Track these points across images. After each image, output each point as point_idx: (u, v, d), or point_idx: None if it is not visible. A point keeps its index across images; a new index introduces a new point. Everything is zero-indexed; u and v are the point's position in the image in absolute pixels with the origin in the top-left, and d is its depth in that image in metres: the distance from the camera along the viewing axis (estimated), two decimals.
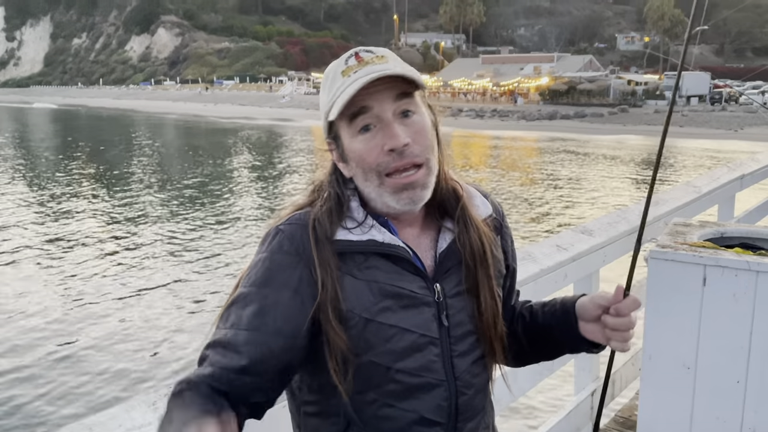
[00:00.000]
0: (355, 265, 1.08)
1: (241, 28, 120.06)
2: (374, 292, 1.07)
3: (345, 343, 1.05)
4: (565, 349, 1.31)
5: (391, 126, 1.06)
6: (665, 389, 2.58)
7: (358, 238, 1.09)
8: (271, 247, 1.09)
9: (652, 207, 3.50)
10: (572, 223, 14.10)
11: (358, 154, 1.09)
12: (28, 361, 8.02)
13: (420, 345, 1.09)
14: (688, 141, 35.89)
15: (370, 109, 1.07)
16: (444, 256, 1.14)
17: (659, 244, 2.64)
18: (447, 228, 1.16)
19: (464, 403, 1.13)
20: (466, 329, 1.14)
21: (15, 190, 21.00)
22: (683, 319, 2.51)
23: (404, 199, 1.09)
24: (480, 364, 1.17)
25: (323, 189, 1.15)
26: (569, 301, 1.26)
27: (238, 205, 18.29)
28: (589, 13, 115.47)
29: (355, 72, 1.07)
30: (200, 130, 47.29)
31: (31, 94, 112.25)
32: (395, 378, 1.08)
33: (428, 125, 1.11)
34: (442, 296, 1.11)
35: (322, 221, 1.09)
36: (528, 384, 2.56)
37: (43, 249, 13.51)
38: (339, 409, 1.10)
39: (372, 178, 1.09)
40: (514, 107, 53.68)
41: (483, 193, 1.26)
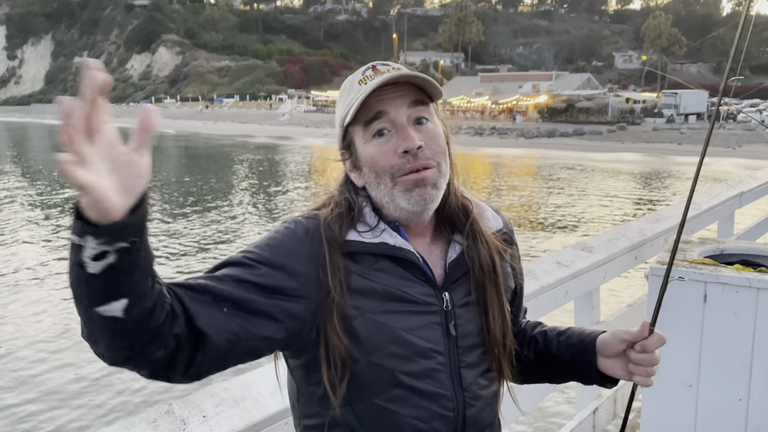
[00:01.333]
0: (365, 266, 1.09)
1: (242, 46, 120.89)
2: (381, 293, 1.08)
3: (347, 348, 1.05)
4: (576, 380, 1.32)
5: (406, 129, 1.09)
6: (667, 407, 2.57)
7: (370, 240, 1.10)
8: (286, 231, 1.10)
9: (652, 224, 3.51)
10: (573, 240, 14.10)
11: (371, 158, 1.11)
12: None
13: (424, 351, 1.09)
14: (686, 158, 36.03)
15: (385, 114, 1.10)
16: (453, 266, 1.15)
17: (659, 261, 2.65)
18: (456, 241, 1.17)
19: (472, 415, 1.12)
20: (475, 341, 1.14)
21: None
22: (684, 336, 2.51)
23: (415, 197, 1.10)
24: (488, 377, 1.17)
25: (333, 197, 1.17)
26: (588, 338, 1.25)
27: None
28: (587, 32, 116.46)
29: (373, 79, 1.10)
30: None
31: (31, 112, 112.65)
32: (400, 382, 1.07)
33: (441, 133, 1.14)
34: (450, 305, 1.12)
35: (332, 225, 1.10)
36: (531, 400, 2.54)
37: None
38: (341, 420, 1.09)
39: (385, 180, 1.10)
40: (512, 125, 53.87)
41: (493, 208, 1.27)
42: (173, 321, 0.90)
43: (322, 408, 1.11)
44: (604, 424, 3.10)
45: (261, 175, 30.70)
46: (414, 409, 1.08)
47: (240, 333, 0.98)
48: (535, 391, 2.51)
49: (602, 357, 1.22)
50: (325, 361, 1.06)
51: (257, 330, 1.00)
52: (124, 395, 7.52)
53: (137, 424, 1.30)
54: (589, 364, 1.24)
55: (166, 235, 16.31)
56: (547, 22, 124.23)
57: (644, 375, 1.16)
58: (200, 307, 0.95)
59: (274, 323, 1.02)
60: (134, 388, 7.60)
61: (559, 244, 14.22)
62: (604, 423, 3.10)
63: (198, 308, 0.94)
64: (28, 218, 19.23)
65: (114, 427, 1.29)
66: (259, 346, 1.03)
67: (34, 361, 8.56)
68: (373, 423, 1.08)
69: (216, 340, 0.95)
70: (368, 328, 1.06)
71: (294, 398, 1.17)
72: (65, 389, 7.73)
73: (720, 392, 2.53)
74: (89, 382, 7.86)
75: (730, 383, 2.50)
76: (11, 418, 7.02)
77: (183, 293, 0.94)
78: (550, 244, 14.94)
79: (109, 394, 7.56)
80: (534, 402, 2.60)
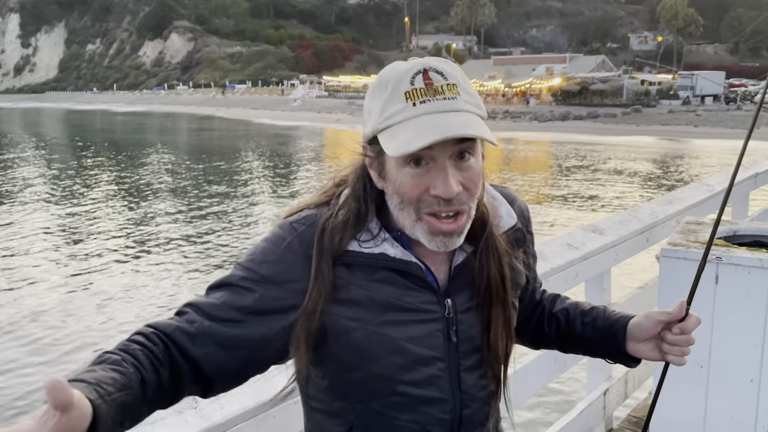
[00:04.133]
0: (363, 276, 1.06)
1: (253, 32, 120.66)
2: (381, 304, 1.05)
3: (303, 364, 1.09)
4: (597, 356, 1.33)
5: (446, 171, 0.98)
6: (678, 388, 2.57)
7: (370, 251, 1.06)
8: (280, 243, 1.07)
9: (665, 206, 3.49)
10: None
11: (401, 185, 1.01)
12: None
13: (425, 359, 1.07)
14: (703, 141, 35.59)
15: (428, 147, 0.96)
16: (458, 270, 1.11)
17: (671, 242, 2.63)
18: (464, 249, 1.11)
19: (468, 415, 1.12)
20: (476, 344, 1.12)
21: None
22: None
23: (437, 242, 1.03)
24: (487, 378, 1.16)
25: (343, 186, 1.12)
26: (617, 323, 1.24)
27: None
28: (601, 13, 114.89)
29: (423, 102, 0.97)
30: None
31: (46, 100, 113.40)
32: (399, 390, 1.07)
33: (481, 169, 1.04)
34: (452, 311, 1.09)
35: (334, 233, 1.05)
36: (540, 382, 2.55)
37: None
38: (342, 412, 1.11)
39: (410, 211, 1.03)
40: (526, 108, 53.48)
41: (510, 198, 1.21)
42: (181, 378, 0.99)
43: (327, 396, 1.13)
44: (615, 406, 3.11)
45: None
46: (412, 414, 1.08)
47: (246, 367, 1.06)
48: (543, 373, 2.52)
49: (633, 341, 1.21)
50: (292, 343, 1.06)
51: (261, 356, 1.06)
52: None
53: None
54: (617, 347, 1.23)
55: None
56: (560, 4, 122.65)
57: (679, 355, 1.16)
58: (204, 357, 1.00)
59: (275, 346, 1.05)
60: None
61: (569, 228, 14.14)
62: (615, 404, 3.10)
63: (204, 360, 1.00)
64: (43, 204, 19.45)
65: None
66: (267, 365, 1.10)
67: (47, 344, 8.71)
68: (371, 424, 1.09)
69: (226, 380, 1.05)
70: (368, 338, 1.05)
71: (303, 378, 1.18)
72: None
73: (731, 373, 2.52)
74: None
75: (742, 364, 2.50)
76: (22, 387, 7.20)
77: (188, 348, 0.99)
78: (563, 230, 14.88)
79: None
80: (543, 383, 2.61)
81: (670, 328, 1.16)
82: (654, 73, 64.58)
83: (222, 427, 1.33)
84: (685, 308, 1.15)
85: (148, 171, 27.26)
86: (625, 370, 3.17)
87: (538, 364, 2.44)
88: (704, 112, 44.79)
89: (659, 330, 1.18)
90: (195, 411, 1.32)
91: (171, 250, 13.75)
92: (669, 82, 57.17)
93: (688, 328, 1.15)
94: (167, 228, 15.94)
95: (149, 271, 12.29)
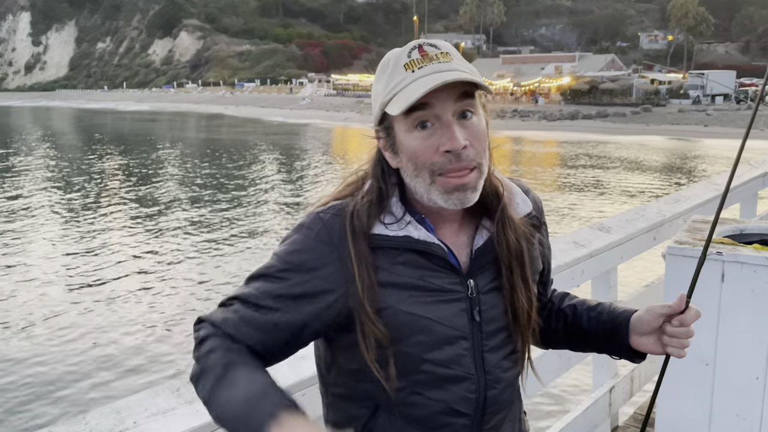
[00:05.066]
0: (388, 259, 1.10)
1: (262, 30, 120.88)
2: (406, 285, 1.09)
3: (384, 334, 1.08)
4: (603, 353, 1.36)
5: (451, 127, 1.05)
6: (684, 386, 2.58)
7: (395, 234, 1.10)
8: (308, 232, 1.12)
9: (671, 205, 3.49)
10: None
11: (412, 151, 1.08)
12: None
13: (450, 338, 1.10)
14: (713, 140, 35.38)
15: (430, 106, 1.05)
16: (480, 252, 1.15)
17: (677, 241, 2.64)
18: (484, 226, 1.16)
19: (493, 396, 1.15)
20: (499, 325, 1.15)
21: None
22: (701, 315, 2.51)
23: (453, 200, 1.08)
24: (511, 359, 1.18)
25: (366, 179, 1.16)
26: (620, 317, 1.27)
27: None
28: (611, 12, 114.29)
29: (420, 68, 1.06)
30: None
31: (56, 98, 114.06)
32: (425, 368, 1.10)
33: (485, 128, 1.10)
34: (475, 292, 1.13)
35: (360, 214, 1.10)
36: (546, 379, 2.57)
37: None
38: (367, 394, 1.13)
39: (424, 175, 1.08)
40: (535, 107, 53.34)
41: (524, 189, 1.26)
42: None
43: (352, 380, 1.15)
44: (621, 403, 3.12)
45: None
46: (438, 392, 1.11)
47: (288, 345, 1.12)
48: (550, 369, 2.54)
49: (635, 335, 1.24)
50: (363, 343, 1.09)
51: (300, 338, 1.12)
52: (149, 366, 7.78)
53: (162, 392, 1.36)
54: (621, 341, 1.26)
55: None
56: (570, 2, 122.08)
57: (679, 347, 1.20)
58: (251, 339, 1.09)
59: (312, 328, 1.11)
60: (159, 361, 7.85)
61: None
62: (620, 402, 3.12)
63: (250, 341, 1.08)
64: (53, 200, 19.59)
65: (140, 395, 1.35)
66: (306, 343, 1.15)
67: (67, 341, 8.80)
68: (398, 401, 1.12)
69: (274, 357, 1.12)
70: (395, 319, 1.08)
71: (326, 366, 1.21)
72: (95, 364, 7.98)
73: (737, 371, 2.53)
74: (120, 354, 8.13)
75: (747, 362, 2.50)
76: (37, 384, 7.34)
77: (235, 333, 1.09)
78: (571, 228, 14.85)
79: (138, 361, 7.85)
80: (549, 380, 2.62)
81: (671, 322, 1.20)
82: (664, 72, 64.20)
83: None
84: (685, 301, 1.18)
85: (169, 170, 27.43)
86: (631, 367, 3.18)
87: (543, 360, 2.45)
88: (714, 112, 44.52)
89: (660, 323, 1.21)
90: None
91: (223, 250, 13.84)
92: (679, 82, 56.85)
93: (687, 320, 1.18)
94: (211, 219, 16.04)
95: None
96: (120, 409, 1.28)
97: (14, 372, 7.74)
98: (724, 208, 3.95)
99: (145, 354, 8.20)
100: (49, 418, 6.66)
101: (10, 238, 14.74)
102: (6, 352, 8.33)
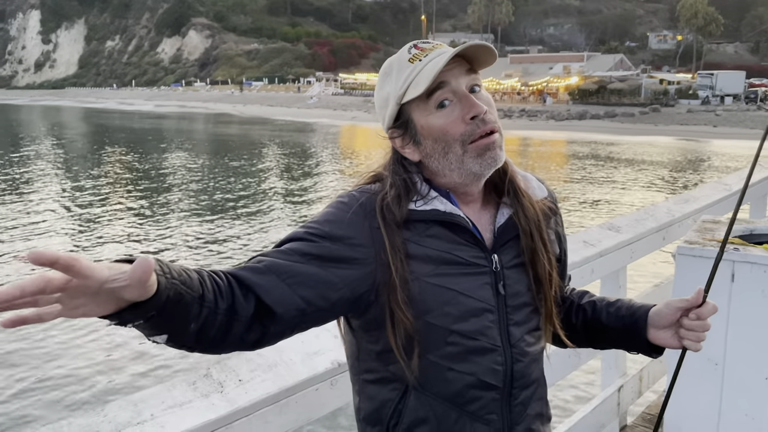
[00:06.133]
0: (417, 233, 1.14)
1: (270, 29, 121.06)
2: (434, 258, 1.13)
3: (411, 322, 1.11)
4: (622, 348, 1.39)
5: (469, 97, 1.14)
6: (693, 385, 2.58)
7: (422, 208, 1.15)
8: (342, 206, 1.15)
9: (681, 205, 3.49)
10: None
11: (439, 129, 1.15)
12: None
13: (476, 310, 1.14)
14: (722, 141, 35.20)
15: (446, 84, 1.14)
16: (502, 229, 1.20)
17: (687, 240, 2.65)
18: (505, 203, 1.22)
19: (519, 370, 1.18)
20: (523, 300, 1.20)
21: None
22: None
23: (487, 160, 1.15)
24: (535, 335, 1.22)
25: (384, 178, 1.20)
26: (639, 311, 1.31)
27: None
28: (620, 12, 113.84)
29: (426, 56, 1.15)
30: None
31: (65, 96, 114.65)
32: (452, 340, 1.13)
33: (491, 98, 1.20)
34: (499, 266, 1.18)
35: (392, 206, 1.14)
36: (555, 376, 2.58)
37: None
38: (398, 375, 1.16)
39: (455, 149, 1.14)
40: (542, 107, 53.20)
41: (538, 178, 1.32)
42: (236, 315, 1.01)
43: (380, 363, 1.18)
44: (629, 402, 3.13)
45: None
46: (466, 364, 1.14)
47: (305, 307, 1.07)
48: (558, 367, 2.55)
49: (653, 328, 1.28)
50: (391, 325, 1.12)
51: (321, 301, 1.09)
52: (166, 361, 7.85)
53: (178, 385, 1.38)
54: (639, 335, 1.30)
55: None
56: (578, 2, 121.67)
57: (695, 340, 1.23)
58: (267, 286, 1.04)
59: (335, 292, 1.10)
60: (173, 355, 7.93)
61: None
62: (629, 401, 3.12)
63: (265, 289, 1.04)
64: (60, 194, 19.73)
65: (156, 389, 1.37)
66: (324, 315, 1.13)
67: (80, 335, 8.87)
68: (427, 377, 1.15)
69: (284, 315, 1.06)
70: (423, 291, 1.12)
71: (354, 356, 1.23)
72: (110, 359, 8.05)
73: (746, 371, 2.53)
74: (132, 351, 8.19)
75: (757, 362, 2.50)
76: (58, 383, 7.38)
77: (250, 277, 1.04)
78: (581, 227, 14.82)
79: (151, 360, 7.90)
80: (558, 378, 2.63)
81: (688, 315, 1.23)
82: (673, 72, 63.90)
83: (246, 411, 1.38)
84: (703, 295, 1.22)
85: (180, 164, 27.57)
86: (639, 367, 3.18)
87: (552, 358, 2.45)
88: (724, 112, 44.27)
89: (678, 317, 1.25)
90: (221, 395, 1.37)
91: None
92: (688, 82, 56.58)
93: (704, 314, 1.22)
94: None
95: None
96: (137, 402, 1.30)
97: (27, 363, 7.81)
98: (732, 210, 3.96)
99: (152, 345, 8.25)
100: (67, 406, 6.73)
101: (20, 231, 14.83)
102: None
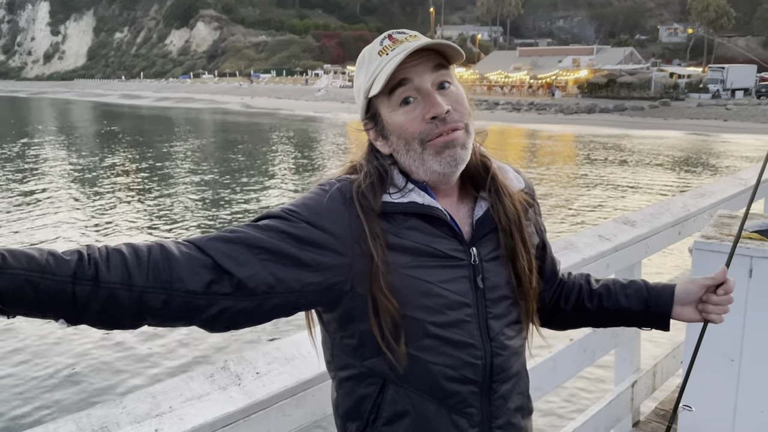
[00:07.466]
0: (395, 224, 1.13)
1: (278, 21, 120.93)
2: (412, 250, 1.12)
3: (396, 308, 1.09)
4: (635, 326, 1.43)
5: (432, 95, 1.11)
6: (709, 381, 2.56)
7: (399, 200, 1.14)
8: (322, 192, 1.13)
9: (697, 199, 3.46)
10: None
11: (400, 126, 1.13)
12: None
13: (452, 303, 1.13)
14: (732, 135, 34.94)
15: (409, 81, 1.11)
16: (480, 222, 1.19)
17: (704, 235, 2.62)
18: (482, 198, 1.21)
19: (499, 363, 1.17)
20: (502, 293, 1.19)
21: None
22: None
23: (446, 158, 1.12)
24: (515, 328, 1.21)
25: (361, 168, 1.19)
26: (665, 290, 1.36)
27: None
28: (630, 4, 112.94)
29: (393, 50, 1.12)
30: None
31: (74, 87, 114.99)
32: (430, 332, 1.12)
33: (464, 95, 1.16)
34: (477, 260, 1.16)
35: (366, 194, 1.12)
36: (569, 372, 2.56)
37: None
38: (375, 370, 1.14)
39: (415, 146, 1.13)
40: (551, 100, 52.92)
41: (515, 169, 1.32)
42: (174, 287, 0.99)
43: (356, 359, 1.16)
44: (642, 398, 3.11)
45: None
46: (444, 358, 1.13)
47: (275, 285, 1.04)
48: (571, 363, 2.53)
49: (678, 305, 1.35)
50: (374, 315, 1.10)
51: (292, 282, 1.06)
52: (183, 352, 7.91)
53: (196, 378, 1.37)
54: (664, 312, 1.35)
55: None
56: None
57: (721, 313, 1.32)
58: (237, 257, 1.02)
59: (308, 275, 1.07)
60: (190, 348, 7.98)
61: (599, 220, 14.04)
62: (642, 396, 3.10)
63: (234, 259, 1.02)
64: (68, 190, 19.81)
65: (174, 381, 1.36)
66: (293, 300, 1.08)
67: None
68: (404, 372, 1.13)
69: (253, 289, 1.03)
70: (400, 282, 1.10)
71: (329, 353, 1.22)
72: (133, 353, 8.11)
73: (763, 367, 2.51)
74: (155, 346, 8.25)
75: None
76: (83, 373, 7.47)
77: (219, 247, 1.03)
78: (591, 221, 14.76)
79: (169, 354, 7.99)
80: (571, 374, 2.62)
81: (714, 292, 1.32)
82: (683, 66, 63.42)
83: (264, 404, 1.37)
84: (725, 272, 1.31)
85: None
86: (654, 362, 3.16)
87: (566, 354, 2.45)
88: (734, 106, 43.93)
89: (703, 293, 1.33)
90: (239, 387, 1.37)
91: None
92: (699, 75, 56.15)
93: (731, 287, 1.31)
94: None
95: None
96: (156, 394, 1.30)
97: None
98: (746, 205, 3.90)
99: (165, 338, 8.29)
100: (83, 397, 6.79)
101: (27, 226, 14.92)
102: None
